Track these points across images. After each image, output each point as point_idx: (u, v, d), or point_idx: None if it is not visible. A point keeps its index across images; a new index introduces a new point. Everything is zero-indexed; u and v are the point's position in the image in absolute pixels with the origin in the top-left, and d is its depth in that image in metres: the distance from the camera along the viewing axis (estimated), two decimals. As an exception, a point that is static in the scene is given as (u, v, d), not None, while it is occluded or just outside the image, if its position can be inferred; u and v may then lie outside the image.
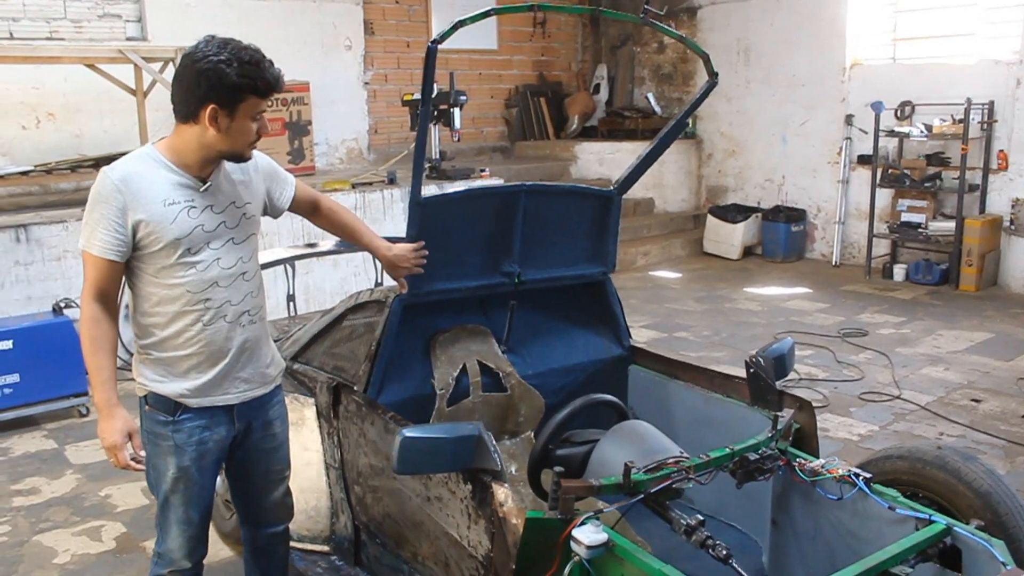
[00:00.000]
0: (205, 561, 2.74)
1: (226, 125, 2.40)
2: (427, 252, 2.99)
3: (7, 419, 5.22)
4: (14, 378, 5.17)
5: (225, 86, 2.34)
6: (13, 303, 5.83)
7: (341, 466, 3.31)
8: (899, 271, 8.77)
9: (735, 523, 3.38)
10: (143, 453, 2.49)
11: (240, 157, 2.53)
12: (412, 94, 8.44)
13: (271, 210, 2.79)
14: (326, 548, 3.38)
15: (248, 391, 2.67)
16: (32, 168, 6.46)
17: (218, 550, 3.75)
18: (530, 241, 3.36)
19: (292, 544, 3.31)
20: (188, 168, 2.48)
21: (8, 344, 5.14)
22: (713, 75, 3.35)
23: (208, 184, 2.51)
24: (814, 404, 5.25)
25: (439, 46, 2.62)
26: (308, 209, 2.92)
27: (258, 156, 2.74)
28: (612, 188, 3.55)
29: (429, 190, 6.83)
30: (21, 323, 5.32)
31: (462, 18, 2.65)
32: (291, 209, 2.85)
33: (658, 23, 2.99)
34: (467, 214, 3.20)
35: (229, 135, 2.42)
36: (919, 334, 6.87)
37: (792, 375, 5.80)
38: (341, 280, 7.42)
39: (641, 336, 7.03)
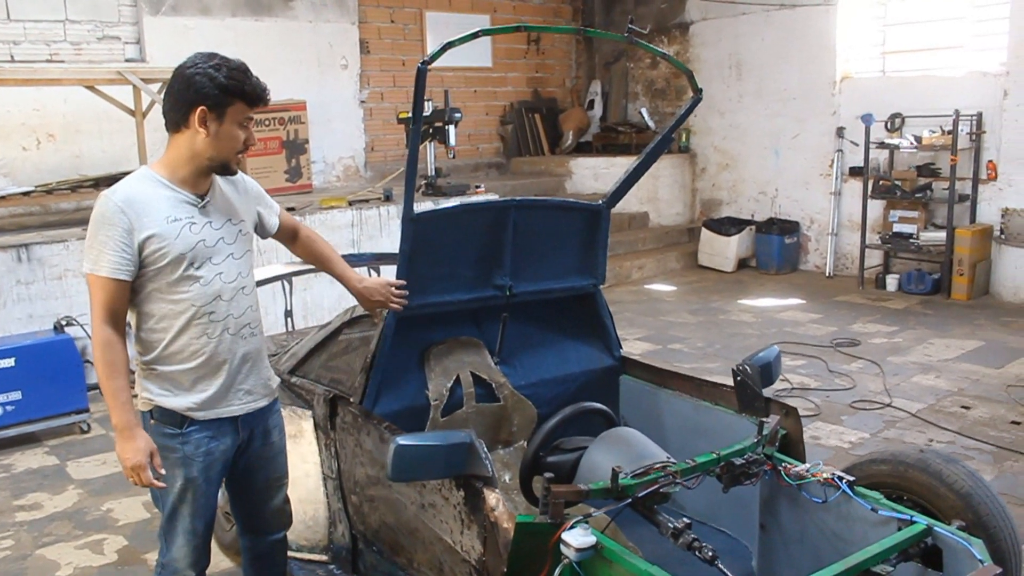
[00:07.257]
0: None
1: (215, 129, 2.50)
2: (407, 292, 3.12)
3: (10, 436, 5.28)
4: (16, 395, 5.24)
5: (215, 86, 2.46)
6: (15, 322, 5.90)
7: (338, 476, 3.37)
8: (892, 281, 8.84)
9: (725, 528, 3.45)
10: (163, 471, 2.55)
11: (227, 167, 2.62)
12: (407, 112, 8.54)
13: (260, 231, 2.90)
14: (324, 557, 3.44)
15: (252, 402, 2.75)
16: (33, 188, 6.56)
17: (218, 561, 3.79)
18: (521, 255, 3.43)
19: (291, 554, 3.38)
20: (184, 183, 2.57)
21: (10, 362, 5.22)
22: (697, 91, 3.44)
23: (206, 201, 2.61)
24: (806, 413, 5.39)
25: (429, 66, 2.71)
26: (289, 236, 3.03)
27: (248, 180, 2.85)
28: (601, 202, 3.64)
29: (424, 206, 6.90)
30: (23, 341, 5.39)
31: (451, 39, 2.74)
32: (275, 235, 2.96)
33: (642, 41, 3.07)
34: (459, 229, 3.28)
35: (218, 140, 2.52)
36: (911, 343, 6.95)
37: (785, 384, 5.89)
38: (339, 296, 7.44)
39: (635, 348, 7.10)
